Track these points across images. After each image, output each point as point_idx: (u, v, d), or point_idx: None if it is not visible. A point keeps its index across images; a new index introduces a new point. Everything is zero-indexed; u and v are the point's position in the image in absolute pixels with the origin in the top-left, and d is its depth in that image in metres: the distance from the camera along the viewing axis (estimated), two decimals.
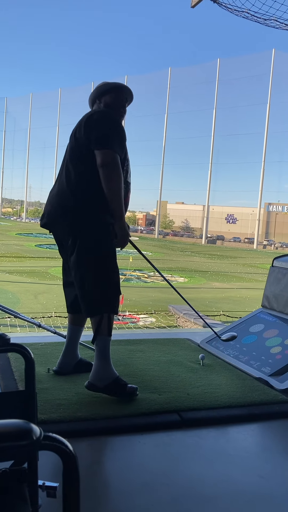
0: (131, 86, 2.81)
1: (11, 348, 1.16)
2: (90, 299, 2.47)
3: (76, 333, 2.80)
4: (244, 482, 1.82)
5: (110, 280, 2.49)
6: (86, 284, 2.47)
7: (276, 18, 5.59)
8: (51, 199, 2.57)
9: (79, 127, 2.52)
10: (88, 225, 2.45)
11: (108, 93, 2.61)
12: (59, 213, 2.49)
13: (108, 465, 1.93)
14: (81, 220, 2.44)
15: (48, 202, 2.58)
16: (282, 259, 3.92)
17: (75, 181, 2.45)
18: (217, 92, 58.35)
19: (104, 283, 2.47)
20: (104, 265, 2.47)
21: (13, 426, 0.61)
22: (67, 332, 2.84)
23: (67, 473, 0.65)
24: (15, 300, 11.86)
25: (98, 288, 2.46)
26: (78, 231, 2.46)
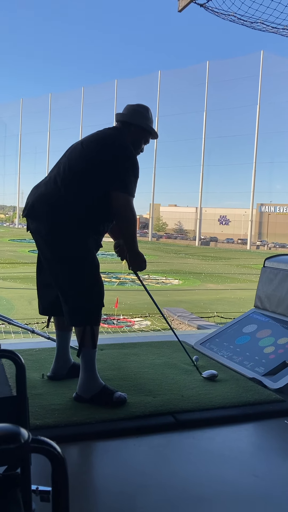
0: (121, 91, 2.87)
1: (1, 354, 1.17)
2: (71, 309, 2.44)
3: (65, 338, 2.79)
4: (239, 482, 1.83)
5: (92, 291, 2.44)
6: (67, 292, 2.44)
7: (263, 21, 5.65)
8: (36, 190, 2.53)
9: (96, 145, 2.48)
10: (65, 231, 2.41)
11: (142, 131, 2.62)
12: (42, 202, 2.44)
13: (104, 469, 1.93)
14: (60, 217, 2.41)
15: (31, 193, 2.54)
16: (273, 259, 3.95)
17: (70, 190, 2.42)
18: (207, 94, 58.64)
19: (85, 294, 2.43)
20: (82, 273, 2.42)
21: (1, 430, 0.62)
22: (56, 338, 2.84)
23: (56, 475, 0.66)
24: (9, 307, 11.82)
25: (80, 298, 2.42)
26: (55, 228, 2.41)
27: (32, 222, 2.48)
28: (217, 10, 5.52)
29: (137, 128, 2.60)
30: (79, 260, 2.43)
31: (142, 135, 2.63)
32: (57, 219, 2.40)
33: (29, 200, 2.51)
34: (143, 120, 2.62)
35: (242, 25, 5.59)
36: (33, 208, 2.46)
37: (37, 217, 2.44)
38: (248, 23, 5.57)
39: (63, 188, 2.42)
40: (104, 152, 2.45)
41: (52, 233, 2.41)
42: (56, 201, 2.41)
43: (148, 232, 66.93)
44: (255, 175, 55.46)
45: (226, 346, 3.45)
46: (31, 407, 2.29)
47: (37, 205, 2.44)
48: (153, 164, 60.19)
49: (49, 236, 2.42)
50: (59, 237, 2.41)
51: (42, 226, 2.42)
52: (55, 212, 2.40)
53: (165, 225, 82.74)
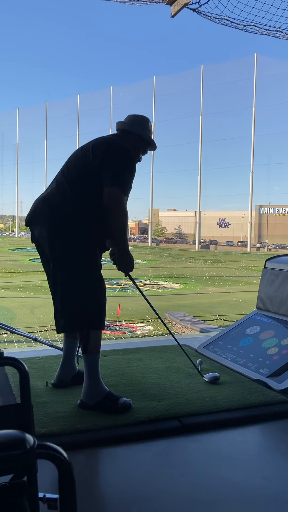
0: (117, 97, 2.89)
1: (4, 362, 1.17)
2: (73, 313, 2.44)
3: (72, 345, 2.79)
4: (248, 484, 1.82)
5: (93, 294, 2.45)
6: (71, 298, 2.44)
7: (255, 24, 5.68)
8: (38, 200, 2.56)
9: (93, 148, 2.49)
10: (68, 234, 2.43)
11: (141, 141, 2.63)
12: (44, 210, 2.47)
13: (110, 475, 1.92)
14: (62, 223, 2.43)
15: (35, 202, 2.58)
16: (274, 260, 3.94)
17: (70, 196, 2.45)
18: (202, 98, 58.89)
19: (88, 297, 2.44)
20: (84, 276, 2.44)
21: (7, 436, 0.62)
22: (63, 345, 2.84)
23: (63, 480, 0.66)
24: (11, 316, 11.81)
25: (83, 302, 2.43)
26: (57, 234, 2.43)
27: (35, 227, 2.50)
28: (210, 14, 5.56)
29: (136, 138, 2.63)
30: (81, 262, 2.44)
31: (141, 145, 2.66)
32: (59, 222, 2.43)
33: (31, 208, 2.56)
34: (143, 131, 2.64)
35: (235, 28, 5.63)
36: (34, 212, 2.50)
37: (38, 220, 2.48)
38: (241, 26, 5.60)
39: (62, 194, 2.45)
40: (100, 151, 2.47)
41: (54, 235, 2.43)
42: (58, 205, 2.44)
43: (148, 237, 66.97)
44: (253, 177, 55.63)
45: (230, 349, 3.44)
46: (36, 415, 2.28)
47: (38, 208, 2.50)
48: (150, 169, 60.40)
49: (51, 236, 2.44)
50: (61, 239, 2.43)
51: (45, 229, 2.45)
52: (57, 215, 2.43)
53: (164, 229, 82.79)
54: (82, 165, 2.49)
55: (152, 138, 2.69)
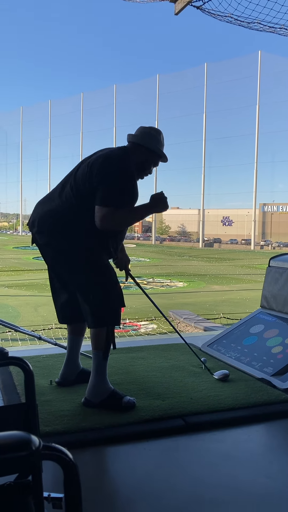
0: (120, 96, 2.87)
1: (9, 361, 1.17)
2: (94, 312, 2.45)
3: (77, 343, 2.80)
4: (251, 484, 1.82)
5: (110, 293, 2.48)
6: (90, 297, 2.46)
7: (259, 21, 5.66)
8: (42, 206, 2.55)
9: (93, 163, 2.47)
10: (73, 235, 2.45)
11: (152, 153, 2.61)
12: (47, 217, 2.47)
13: (114, 474, 1.93)
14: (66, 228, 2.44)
15: (37, 209, 2.57)
16: (278, 258, 3.93)
17: (75, 203, 2.45)
18: (206, 96, 58.74)
19: (106, 296, 2.46)
20: (99, 278, 2.47)
21: (12, 437, 0.62)
22: (67, 343, 2.84)
23: (68, 482, 0.66)
24: (15, 314, 11.84)
25: (102, 300, 2.45)
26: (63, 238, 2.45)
27: (41, 237, 2.51)
28: (214, 11, 5.54)
29: (146, 151, 2.60)
30: (92, 265, 2.46)
31: (151, 157, 2.63)
32: (66, 233, 2.44)
33: (35, 215, 2.54)
34: (154, 143, 2.61)
35: (239, 25, 5.61)
36: (41, 223, 2.48)
37: (46, 232, 2.48)
38: (245, 23, 5.58)
39: (68, 206, 2.45)
40: (97, 170, 2.43)
41: (62, 245, 2.45)
42: (64, 217, 2.44)
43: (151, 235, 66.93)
44: (257, 175, 55.46)
45: (234, 347, 3.44)
46: (40, 414, 2.29)
47: (45, 220, 2.47)
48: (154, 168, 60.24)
49: (60, 247, 2.46)
50: (70, 248, 2.45)
51: (53, 240, 2.47)
52: (63, 227, 2.44)
53: (168, 228, 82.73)
54: (88, 180, 2.46)
55: (163, 150, 2.66)
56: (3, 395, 2.61)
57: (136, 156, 2.57)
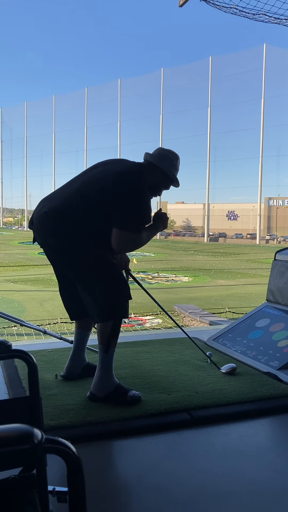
0: (125, 90, 2.83)
1: (13, 354, 1.16)
2: (101, 307, 2.45)
3: (84, 337, 2.80)
4: (258, 477, 1.81)
5: (117, 287, 2.47)
6: (97, 292, 2.45)
7: (265, 12, 5.60)
8: (47, 203, 2.53)
9: (113, 180, 2.43)
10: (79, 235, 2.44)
11: (166, 177, 2.60)
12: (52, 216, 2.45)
13: (121, 468, 1.92)
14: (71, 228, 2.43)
15: (41, 205, 2.54)
16: (284, 252, 3.91)
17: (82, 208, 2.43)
18: (210, 89, 58.41)
19: (113, 291, 2.46)
20: (104, 274, 2.46)
21: (15, 430, 0.61)
22: (74, 336, 2.84)
23: (72, 476, 0.65)
24: (21, 309, 11.88)
25: (109, 294, 2.44)
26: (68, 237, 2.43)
27: (40, 236, 2.50)
28: (219, 3, 5.48)
29: (162, 173, 2.58)
30: (96, 261, 2.45)
31: (164, 181, 2.62)
32: (67, 235, 2.42)
33: (36, 214, 2.51)
34: (170, 168, 2.59)
35: (244, 17, 5.55)
36: (41, 225, 2.46)
37: (45, 232, 2.46)
38: (250, 15, 5.53)
39: (73, 212, 2.42)
40: (117, 186, 2.41)
41: (63, 245, 2.44)
42: (66, 221, 2.42)
43: None
44: (262, 169, 55.16)
45: (240, 341, 3.42)
46: (46, 408, 2.29)
47: (45, 222, 2.45)
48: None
49: (61, 249, 2.45)
50: (71, 248, 2.44)
51: (51, 239, 2.45)
52: (64, 230, 2.42)
53: (173, 222, 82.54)
54: (99, 192, 2.43)
55: (176, 176, 2.64)
56: (9, 388, 2.61)
57: (151, 177, 2.55)
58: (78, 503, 0.66)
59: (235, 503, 1.65)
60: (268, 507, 1.63)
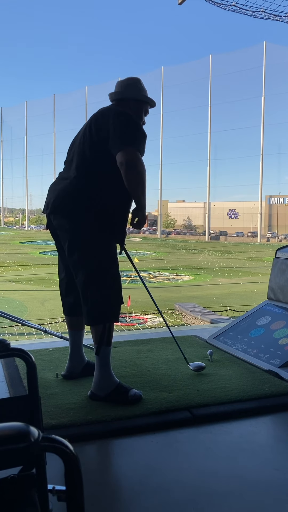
0: None
1: (11, 353, 1.16)
2: (91, 307, 2.43)
3: (78, 337, 2.78)
4: (260, 475, 1.81)
5: (112, 289, 2.45)
6: (89, 291, 2.43)
7: (264, 9, 5.58)
8: (55, 186, 2.52)
9: (96, 121, 2.44)
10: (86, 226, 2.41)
11: (140, 103, 2.58)
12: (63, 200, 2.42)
13: (121, 466, 1.92)
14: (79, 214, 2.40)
15: (51, 190, 2.53)
16: (285, 249, 3.90)
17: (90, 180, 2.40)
18: (211, 88, 58.34)
19: (106, 292, 2.43)
20: (103, 270, 2.43)
21: (12, 429, 0.60)
22: (68, 337, 2.83)
23: (70, 474, 0.64)
24: (22, 309, 11.89)
25: (101, 297, 2.42)
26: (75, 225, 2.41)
27: (56, 218, 2.46)
28: (218, 0, 5.47)
29: (135, 102, 2.57)
30: (99, 256, 2.43)
31: (141, 107, 2.60)
32: (80, 211, 2.39)
33: (50, 197, 2.50)
34: (138, 92, 2.59)
35: (244, 14, 5.53)
36: (56, 204, 2.43)
37: (60, 212, 2.43)
38: (250, 12, 5.51)
39: (83, 179, 2.40)
40: (104, 120, 2.42)
41: (75, 226, 2.40)
42: (77, 193, 2.40)
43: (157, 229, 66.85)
44: (263, 167, 55.09)
45: (241, 339, 3.42)
46: (46, 407, 2.29)
47: (58, 201, 2.43)
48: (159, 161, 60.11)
49: (72, 230, 2.41)
50: (83, 230, 2.40)
51: (66, 220, 2.41)
52: (78, 204, 2.39)
53: (174, 221, 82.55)
54: (92, 140, 2.42)
55: (148, 96, 2.62)
56: (9, 387, 2.61)
57: (127, 110, 2.52)
58: (76, 502, 0.65)
59: (237, 501, 1.64)
60: (270, 505, 1.63)
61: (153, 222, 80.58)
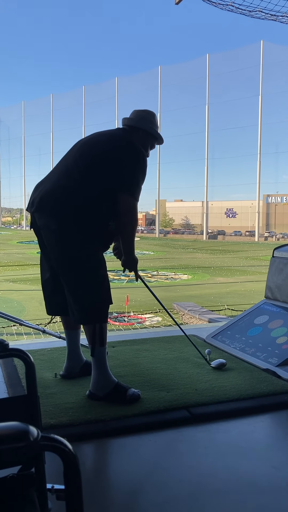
0: (122, 88, 2.86)
1: (10, 353, 1.16)
2: (80, 308, 2.43)
3: (74, 336, 2.79)
4: (257, 473, 1.82)
5: (100, 289, 2.45)
6: (76, 292, 2.43)
7: (261, 9, 5.59)
8: (41, 186, 2.52)
9: (106, 141, 2.51)
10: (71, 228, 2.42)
11: (149, 136, 2.65)
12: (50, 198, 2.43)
13: (120, 466, 1.92)
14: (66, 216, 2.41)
15: (36, 189, 2.53)
16: (282, 249, 3.91)
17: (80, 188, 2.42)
18: (208, 87, 58.36)
19: (94, 292, 2.43)
20: (90, 271, 2.43)
21: (10, 428, 0.61)
22: (66, 337, 2.83)
23: (68, 473, 0.65)
24: (20, 309, 11.86)
25: (88, 297, 2.42)
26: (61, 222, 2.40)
27: (41, 217, 2.46)
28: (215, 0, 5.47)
29: (144, 134, 2.64)
30: (87, 257, 2.43)
31: (149, 140, 2.67)
32: (67, 212, 2.39)
33: (36, 195, 2.49)
34: (150, 126, 2.65)
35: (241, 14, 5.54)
36: (42, 203, 2.44)
37: (47, 211, 2.43)
38: (247, 11, 5.52)
39: (72, 182, 2.42)
40: (118, 150, 2.47)
41: (60, 227, 2.40)
42: (66, 195, 2.41)
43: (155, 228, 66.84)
44: (260, 166, 55.13)
45: (238, 338, 3.43)
46: (45, 406, 2.29)
47: (46, 199, 2.43)
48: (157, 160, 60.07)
49: (59, 230, 2.40)
50: (68, 231, 2.41)
51: (52, 220, 2.41)
52: (65, 205, 2.40)
53: (171, 220, 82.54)
54: (92, 157, 2.46)
55: (159, 132, 2.69)
56: (8, 388, 2.62)
57: (135, 140, 2.59)
58: (75, 501, 0.66)
59: (235, 499, 1.65)
60: (267, 503, 1.64)
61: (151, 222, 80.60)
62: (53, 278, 2.61)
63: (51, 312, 2.75)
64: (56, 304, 2.68)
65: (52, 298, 2.69)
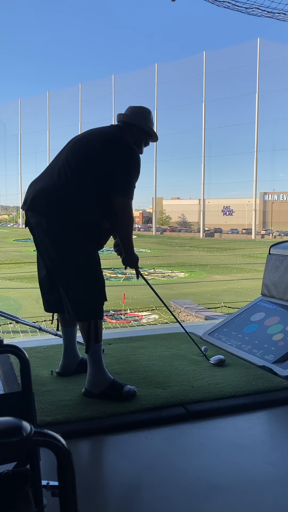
0: (118, 85, 2.85)
1: (4, 349, 1.16)
2: (74, 305, 2.43)
3: (71, 334, 2.78)
4: (253, 470, 1.82)
5: (94, 286, 2.45)
6: (71, 291, 2.43)
7: (258, 6, 5.59)
8: (36, 184, 2.52)
9: (104, 143, 2.49)
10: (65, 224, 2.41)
11: (143, 133, 2.64)
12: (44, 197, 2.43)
13: (116, 462, 1.92)
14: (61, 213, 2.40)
15: (31, 187, 2.53)
16: (278, 246, 3.91)
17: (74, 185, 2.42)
18: (205, 85, 58.31)
19: (88, 289, 2.43)
20: (84, 268, 2.42)
21: (3, 423, 0.60)
22: (62, 335, 2.83)
23: (62, 468, 0.65)
24: (17, 306, 11.86)
25: (83, 294, 2.42)
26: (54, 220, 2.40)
27: (33, 215, 2.45)
28: None
29: (138, 130, 2.62)
30: (80, 254, 2.42)
31: (143, 137, 2.66)
32: (59, 211, 2.39)
33: (29, 194, 2.49)
34: (145, 122, 2.64)
35: (237, 11, 5.54)
36: (34, 201, 2.43)
37: (39, 210, 2.42)
38: (243, 8, 5.51)
39: (64, 181, 2.41)
40: (109, 149, 2.46)
41: (54, 226, 2.39)
42: (58, 194, 2.40)
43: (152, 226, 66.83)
44: (257, 164, 55.17)
45: (235, 335, 3.43)
46: (41, 404, 2.29)
47: (38, 198, 2.42)
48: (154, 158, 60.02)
49: (51, 229, 2.40)
50: (61, 230, 2.40)
51: (44, 219, 2.40)
52: (57, 204, 2.39)
53: (168, 218, 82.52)
54: (86, 155, 2.45)
55: (153, 129, 2.68)
56: (4, 385, 2.61)
57: (129, 136, 2.58)
58: (69, 496, 0.65)
59: (231, 495, 1.65)
60: (263, 499, 1.64)
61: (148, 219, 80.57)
62: (49, 276, 2.61)
63: (48, 310, 2.75)
64: (53, 301, 2.68)
65: (49, 295, 2.68)
